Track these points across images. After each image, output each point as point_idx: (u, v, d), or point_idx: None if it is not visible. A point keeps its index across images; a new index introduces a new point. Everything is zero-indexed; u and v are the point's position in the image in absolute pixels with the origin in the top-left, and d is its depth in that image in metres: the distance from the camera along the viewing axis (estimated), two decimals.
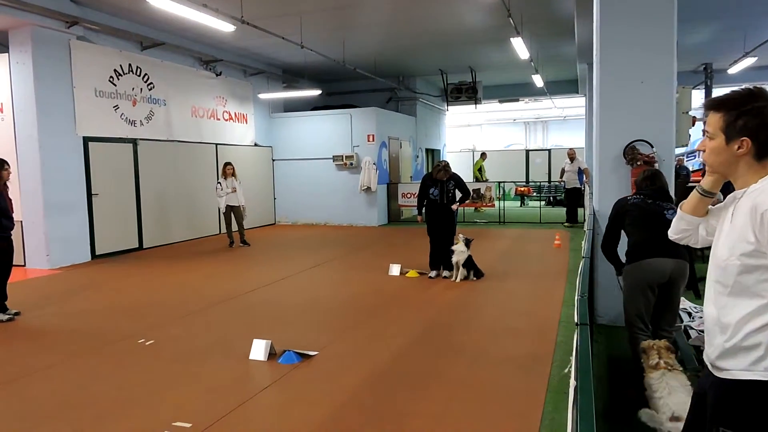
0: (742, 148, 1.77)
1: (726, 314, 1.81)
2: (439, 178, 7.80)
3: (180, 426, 3.52)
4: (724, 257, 1.80)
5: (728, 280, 1.79)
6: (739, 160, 1.80)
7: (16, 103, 9.20)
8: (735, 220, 1.80)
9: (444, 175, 7.81)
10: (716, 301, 1.85)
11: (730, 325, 1.78)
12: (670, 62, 5.29)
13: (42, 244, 9.28)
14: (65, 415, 3.76)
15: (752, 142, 1.75)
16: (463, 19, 11.29)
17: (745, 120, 1.75)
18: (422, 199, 8.13)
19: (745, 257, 1.73)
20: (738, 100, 1.79)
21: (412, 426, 3.50)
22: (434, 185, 7.88)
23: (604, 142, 5.57)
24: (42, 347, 5.26)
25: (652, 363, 3.21)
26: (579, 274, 3.19)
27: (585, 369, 1.73)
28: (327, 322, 5.95)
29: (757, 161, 1.78)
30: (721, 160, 1.84)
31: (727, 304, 1.81)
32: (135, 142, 11.02)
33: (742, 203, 1.79)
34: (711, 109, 1.85)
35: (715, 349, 1.84)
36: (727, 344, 1.79)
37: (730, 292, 1.79)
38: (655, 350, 3.27)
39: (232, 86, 13.95)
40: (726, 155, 1.82)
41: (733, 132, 1.78)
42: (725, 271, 1.80)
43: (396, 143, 16.23)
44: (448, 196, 7.87)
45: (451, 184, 7.88)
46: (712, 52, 15.07)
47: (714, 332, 1.87)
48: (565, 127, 27.50)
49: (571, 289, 6.88)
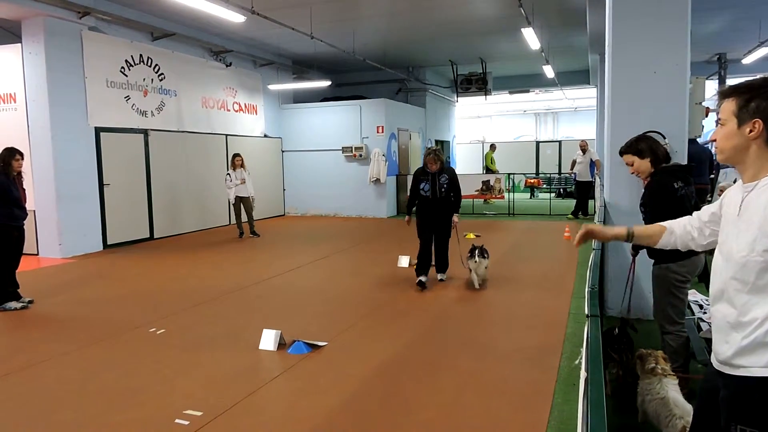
0: (754, 130, 1.75)
1: (746, 312, 1.76)
2: (430, 170, 6.73)
3: (191, 414, 3.56)
4: (744, 253, 1.75)
5: (748, 276, 1.74)
6: (749, 145, 1.77)
7: (29, 94, 9.27)
8: (748, 215, 1.76)
9: (435, 165, 6.68)
10: (734, 299, 1.80)
11: (752, 323, 1.74)
12: (684, 52, 5.22)
13: (54, 233, 9.38)
14: (78, 402, 3.81)
15: (765, 123, 1.73)
16: (474, 9, 11.20)
17: (758, 102, 1.75)
18: (414, 197, 6.99)
19: (767, 253, 1.69)
20: (752, 84, 1.79)
21: (420, 417, 3.52)
22: (425, 179, 6.81)
23: (615, 134, 5.51)
24: (55, 335, 5.33)
25: (649, 368, 3.20)
26: (589, 266, 3.18)
27: (596, 360, 1.72)
28: (336, 312, 5.97)
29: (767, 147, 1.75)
30: (732, 144, 1.81)
31: (748, 301, 1.76)
32: (146, 132, 11.07)
33: (754, 197, 1.75)
34: (725, 97, 1.84)
35: (730, 347, 1.80)
36: (744, 342, 1.76)
37: (751, 288, 1.75)
38: (653, 357, 3.26)
39: (242, 77, 13.96)
40: (737, 139, 1.79)
41: (746, 114, 1.76)
42: (744, 268, 1.75)
43: (405, 134, 16.19)
44: (440, 192, 6.73)
45: (444, 178, 6.75)
46: (726, 42, 14.85)
47: (727, 330, 1.83)
48: (575, 119, 27.28)
49: (581, 281, 6.86)
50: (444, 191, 6.74)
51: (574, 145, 15.15)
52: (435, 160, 6.64)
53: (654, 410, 3.06)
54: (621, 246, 5.30)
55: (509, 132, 28.21)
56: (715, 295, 1.90)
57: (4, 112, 9.55)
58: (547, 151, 23.83)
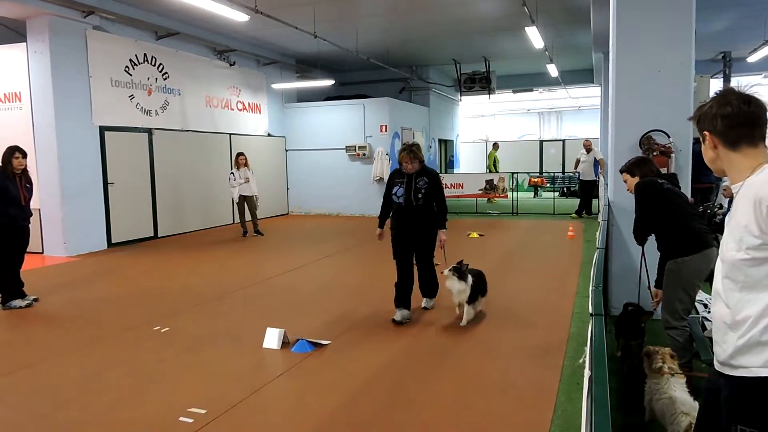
0: (709, 142, 1.88)
1: (739, 310, 1.77)
2: (406, 171, 5.33)
3: (195, 412, 3.56)
4: (732, 252, 1.78)
5: (738, 275, 1.77)
6: (718, 154, 1.87)
7: (34, 93, 9.31)
8: (737, 215, 1.78)
9: (411, 165, 5.28)
10: (727, 298, 1.82)
11: (745, 322, 1.75)
12: (689, 51, 5.20)
13: (59, 231, 9.41)
14: (82, 400, 3.83)
15: (710, 133, 1.86)
16: (477, 8, 11.19)
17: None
18: (387, 205, 5.58)
19: (752, 251, 1.71)
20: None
21: (423, 415, 3.52)
22: (400, 182, 5.38)
23: (619, 132, 5.50)
24: (59, 333, 5.35)
25: (656, 367, 3.20)
26: (593, 264, 3.17)
27: (600, 359, 1.72)
28: (339, 311, 5.97)
29: (733, 150, 1.83)
30: (708, 159, 1.93)
31: (740, 300, 1.77)
32: (150, 131, 11.10)
33: (741, 196, 1.78)
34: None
35: (728, 347, 1.81)
36: (740, 341, 1.76)
37: (742, 287, 1.76)
38: (660, 356, 3.26)
39: (245, 76, 13.98)
40: (709, 153, 1.92)
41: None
42: (733, 266, 1.77)
43: (409, 133, 16.17)
44: (417, 199, 5.28)
45: (423, 182, 5.29)
46: (731, 41, 14.79)
47: (723, 330, 1.84)
48: (579, 118, 27.23)
49: (585, 280, 6.85)
50: (422, 198, 5.27)
51: (578, 144, 15.13)
52: (412, 158, 5.24)
53: (661, 409, 3.06)
54: (625, 245, 5.29)
55: (513, 131, 28.17)
56: (713, 296, 1.92)
57: (10, 111, 9.59)
58: (551, 150, 23.78)
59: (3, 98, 9.62)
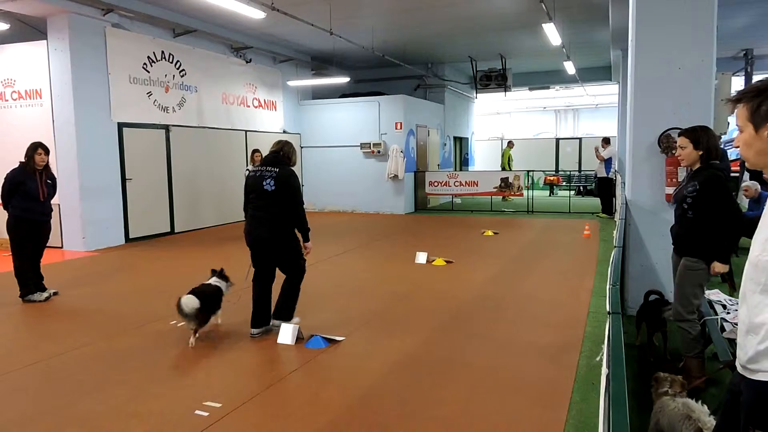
0: None
1: (758, 313, 1.72)
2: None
3: (210, 405, 3.60)
4: (756, 253, 1.73)
5: (761, 277, 1.71)
6: None
7: (54, 90, 9.44)
8: (766, 215, 1.74)
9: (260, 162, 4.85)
10: (749, 300, 1.77)
11: (763, 325, 1.70)
12: (710, 48, 5.11)
13: (78, 226, 9.55)
14: (100, 392, 3.88)
15: None
16: (494, 5, 11.11)
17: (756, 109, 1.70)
18: None
19: None
20: (760, 87, 1.74)
21: (437, 413, 3.51)
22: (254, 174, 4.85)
23: (638, 130, 5.43)
24: (78, 326, 5.43)
25: (661, 391, 3.18)
26: (611, 263, 3.14)
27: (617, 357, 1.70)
28: (354, 308, 5.98)
29: None
30: (754, 151, 1.76)
31: (759, 302, 1.72)
32: (167, 128, 11.20)
33: None
34: (736, 103, 1.80)
35: (748, 350, 1.77)
36: (760, 346, 1.72)
37: (762, 289, 1.71)
38: (668, 381, 3.22)
39: (261, 73, 14.05)
40: (758, 145, 1.74)
41: (759, 119, 1.71)
42: (757, 268, 1.72)
43: (424, 131, 16.15)
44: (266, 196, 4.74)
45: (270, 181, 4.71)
46: (753, 37, 14.53)
47: (744, 333, 1.80)
48: (596, 116, 26.96)
49: (601, 279, 6.79)
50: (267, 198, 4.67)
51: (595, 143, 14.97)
52: None
53: (669, 422, 2.99)
54: (642, 244, 5.23)
55: (529, 129, 27.98)
56: (740, 298, 1.87)
57: (30, 108, 9.74)
58: (567, 148, 23.58)
59: (24, 95, 9.78)
